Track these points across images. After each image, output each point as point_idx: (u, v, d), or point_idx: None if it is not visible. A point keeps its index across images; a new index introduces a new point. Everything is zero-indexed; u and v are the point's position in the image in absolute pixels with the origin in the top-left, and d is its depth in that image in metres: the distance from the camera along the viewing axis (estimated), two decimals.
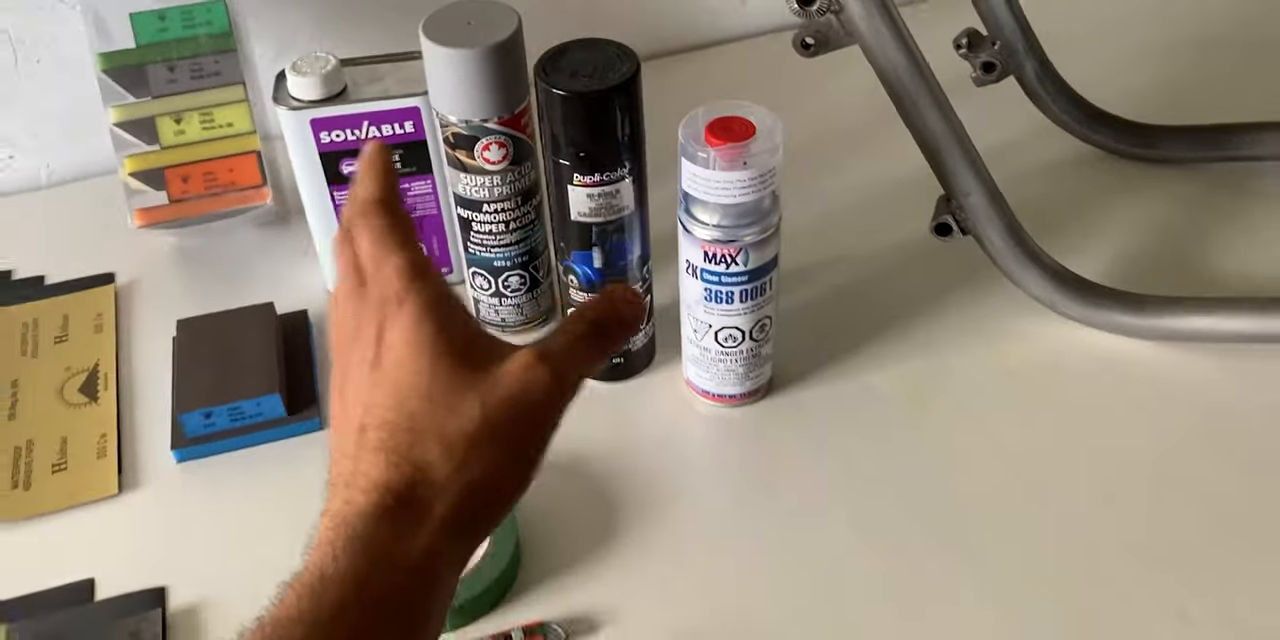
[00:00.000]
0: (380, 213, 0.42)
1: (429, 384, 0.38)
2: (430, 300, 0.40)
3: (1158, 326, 0.65)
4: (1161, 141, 0.78)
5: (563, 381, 0.40)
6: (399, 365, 0.39)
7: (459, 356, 0.39)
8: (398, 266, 0.40)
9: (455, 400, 0.38)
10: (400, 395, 0.39)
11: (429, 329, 0.39)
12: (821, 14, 0.59)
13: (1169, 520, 0.59)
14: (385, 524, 0.37)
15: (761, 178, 0.55)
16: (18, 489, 0.61)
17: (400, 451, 0.38)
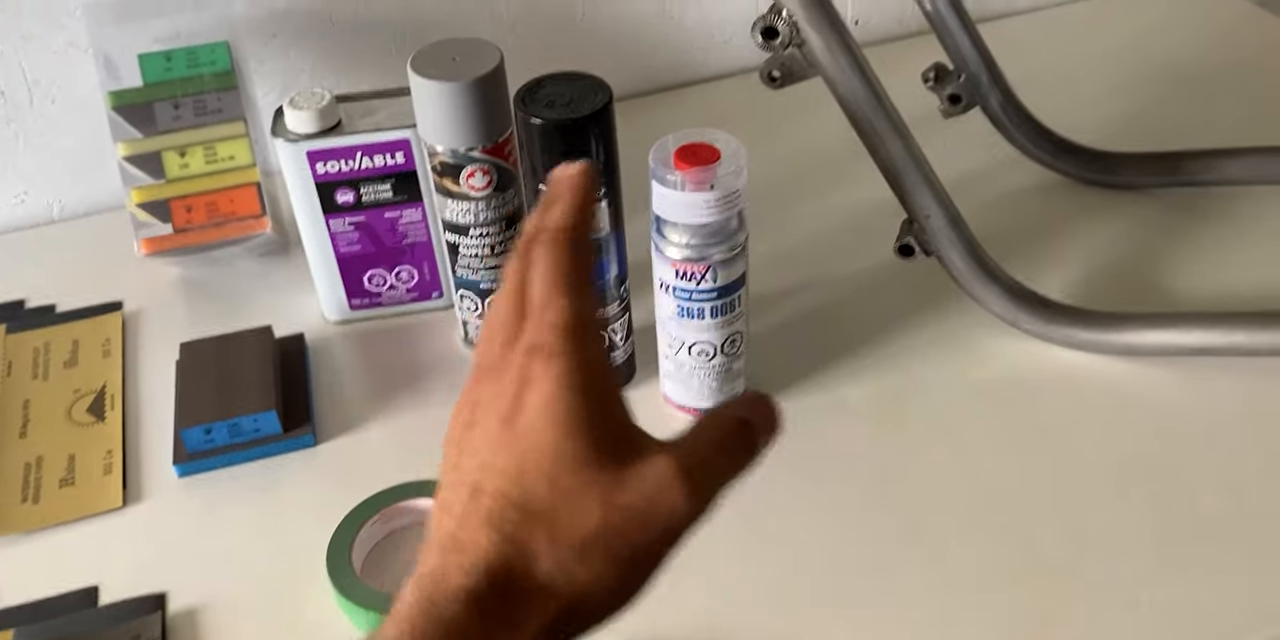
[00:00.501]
0: (566, 246, 0.38)
1: (555, 466, 0.35)
2: (582, 366, 0.36)
3: (1114, 341, 0.68)
4: (1122, 168, 0.81)
5: (699, 505, 0.36)
6: (530, 433, 0.36)
7: (595, 443, 0.35)
8: (561, 315, 0.36)
9: (578, 493, 0.35)
10: (523, 468, 0.35)
11: (572, 401, 0.35)
12: (785, 48, 0.63)
13: (1127, 521, 0.61)
14: (474, 617, 0.34)
15: (727, 198, 0.58)
16: (27, 502, 0.64)
17: (507, 533, 0.35)
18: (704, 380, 0.65)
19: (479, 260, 0.68)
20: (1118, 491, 0.63)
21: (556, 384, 0.35)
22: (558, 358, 0.36)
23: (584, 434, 0.35)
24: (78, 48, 0.81)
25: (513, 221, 0.67)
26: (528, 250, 0.39)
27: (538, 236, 0.38)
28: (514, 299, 0.38)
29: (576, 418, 0.35)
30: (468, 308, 0.71)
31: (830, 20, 0.62)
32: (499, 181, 0.65)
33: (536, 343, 0.36)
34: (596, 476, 0.35)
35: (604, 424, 0.36)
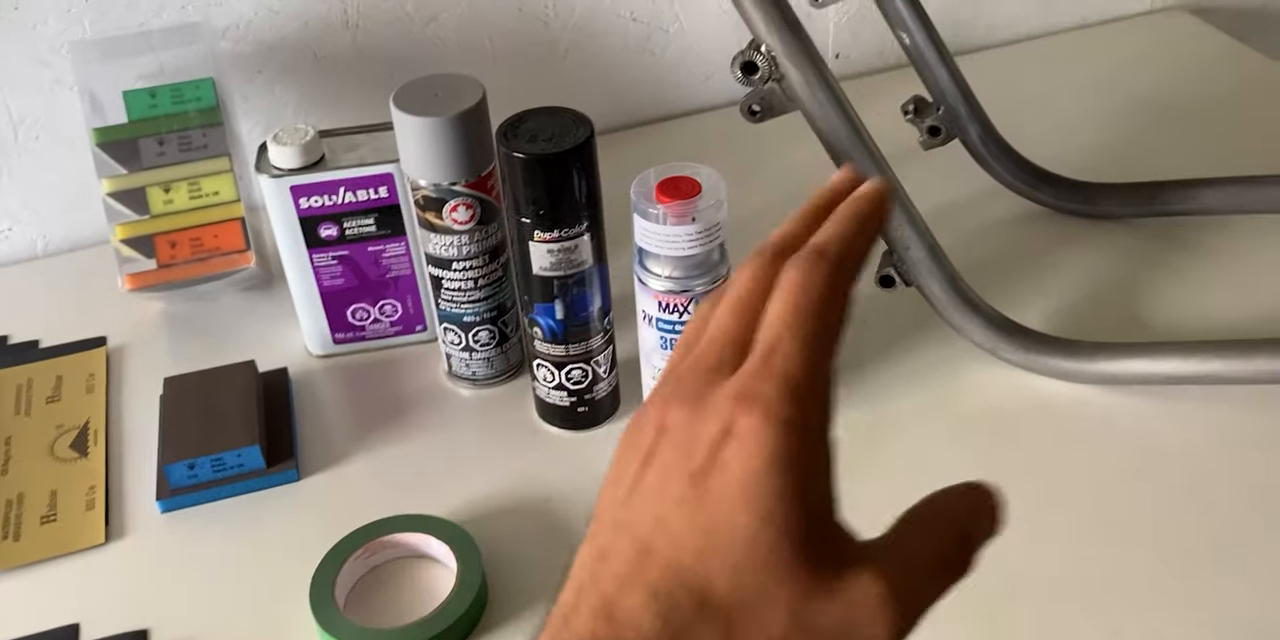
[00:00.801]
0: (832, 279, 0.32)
1: (745, 557, 0.29)
2: (802, 441, 0.30)
3: (1094, 370, 0.69)
4: (1101, 198, 0.82)
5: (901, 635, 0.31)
6: (723, 507, 0.30)
7: (797, 540, 0.30)
8: (795, 367, 0.30)
9: (765, 599, 0.29)
10: (707, 548, 0.30)
11: (782, 484, 0.29)
12: (765, 82, 0.64)
13: (1107, 550, 0.61)
14: None
15: (708, 231, 0.59)
16: (7, 540, 0.64)
17: (673, 625, 0.29)
18: None
19: (462, 293, 0.68)
20: (1099, 521, 0.63)
21: (767, 458, 0.29)
22: (776, 424, 0.30)
23: (786, 527, 0.29)
24: (63, 85, 0.81)
25: (496, 254, 0.68)
26: (776, 261, 0.32)
27: (804, 253, 0.32)
28: (742, 315, 0.32)
29: (782, 506, 0.29)
30: (451, 341, 0.71)
31: (808, 55, 0.62)
32: (482, 215, 0.65)
33: (755, 392, 0.30)
34: (790, 582, 0.29)
35: (811, 518, 0.30)
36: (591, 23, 0.92)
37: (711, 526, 0.30)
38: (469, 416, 0.72)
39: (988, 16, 1.04)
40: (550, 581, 0.60)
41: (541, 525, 0.64)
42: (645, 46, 0.95)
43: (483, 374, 0.72)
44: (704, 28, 0.95)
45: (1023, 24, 1.06)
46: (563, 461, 0.68)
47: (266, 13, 0.83)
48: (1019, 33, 1.06)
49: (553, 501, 0.66)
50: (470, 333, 0.70)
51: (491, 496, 0.66)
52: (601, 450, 0.69)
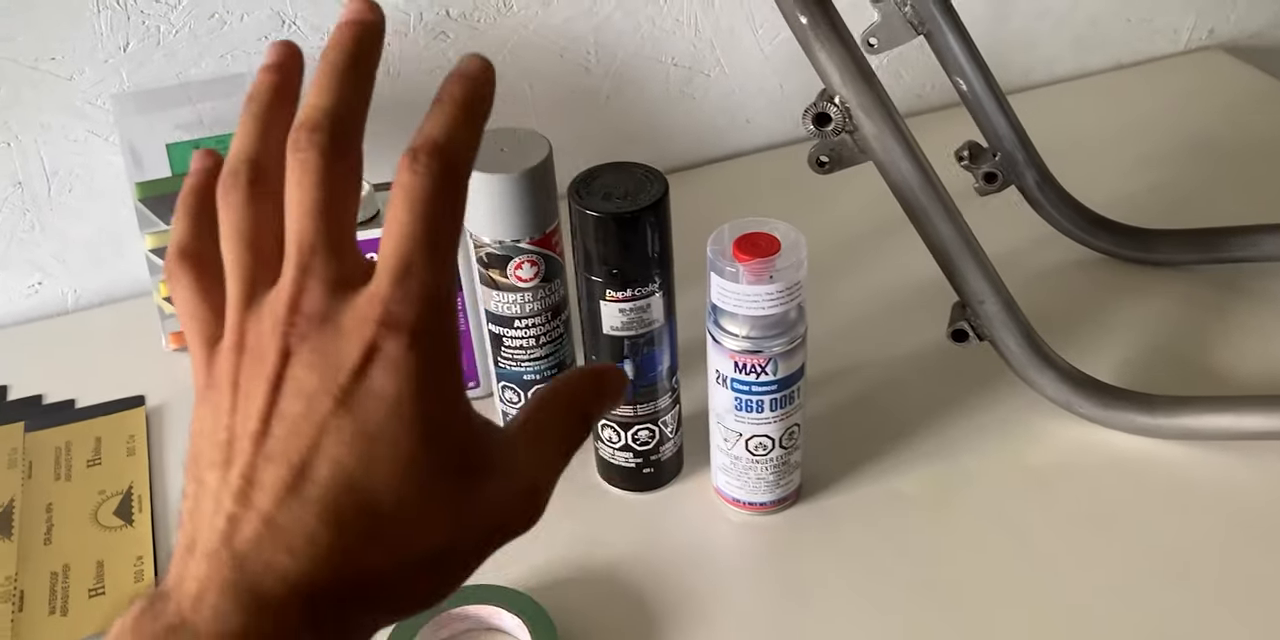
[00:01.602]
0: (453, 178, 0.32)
1: (405, 472, 0.31)
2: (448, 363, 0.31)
3: (1173, 425, 0.67)
4: (1160, 245, 0.81)
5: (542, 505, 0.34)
6: (380, 426, 0.30)
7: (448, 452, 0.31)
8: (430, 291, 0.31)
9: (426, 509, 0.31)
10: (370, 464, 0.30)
11: (434, 406, 0.31)
12: (837, 134, 0.62)
13: (1195, 617, 0.59)
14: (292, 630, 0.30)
15: (788, 290, 0.57)
16: (55, 614, 0.61)
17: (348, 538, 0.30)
18: (760, 474, 0.63)
19: (523, 351, 0.66)
20: (1183, 581, 0.61)
21: (416, 381, 0.30)
22: (417, 348, 0.30)
23: (438, 442, 0.31)
24: (98, 136, 0.79)
25: (558, 312, 0.66)
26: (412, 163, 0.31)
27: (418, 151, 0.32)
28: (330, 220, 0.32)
29: (436, 426, 0.31)
30: (510, 400, 0.69)
31: (884, 107, 0.61)
32: (546, 272, 0.63)
33: (396, 316, 0.30)
34: (447, 492, 0.31)
35: (457, 430, 0.32)
36: (632, 68, 0.90)
37: (370, 449, 0.30)
38: None
39: (1023, 59, 1.03)
40: None
41: (610, 594, 0.62)
42: (686, 91, 0.93)
43: None
44: (744, 71, 0.94)
45: (1058, 65, 1.05)
46: (628, 525, 0.66)
47: (308, 62, 0.81)
48: (1055, 74, 1.05)
49: (621, 568, 0.63)
50: (530, 391, 0.68)
51: (555, 562, 0.64)
52: (667, 511, 0.68)
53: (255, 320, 0.33)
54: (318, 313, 0.31)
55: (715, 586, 0.62)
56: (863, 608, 0.61)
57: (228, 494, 0.31)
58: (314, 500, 0.30)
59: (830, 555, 0.64)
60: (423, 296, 0.31)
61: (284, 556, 0.30)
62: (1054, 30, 1.02)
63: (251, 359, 0.32)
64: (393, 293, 0.31)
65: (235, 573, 0.30)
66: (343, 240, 0.33)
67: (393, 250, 0.31)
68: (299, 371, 0.31)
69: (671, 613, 0.61)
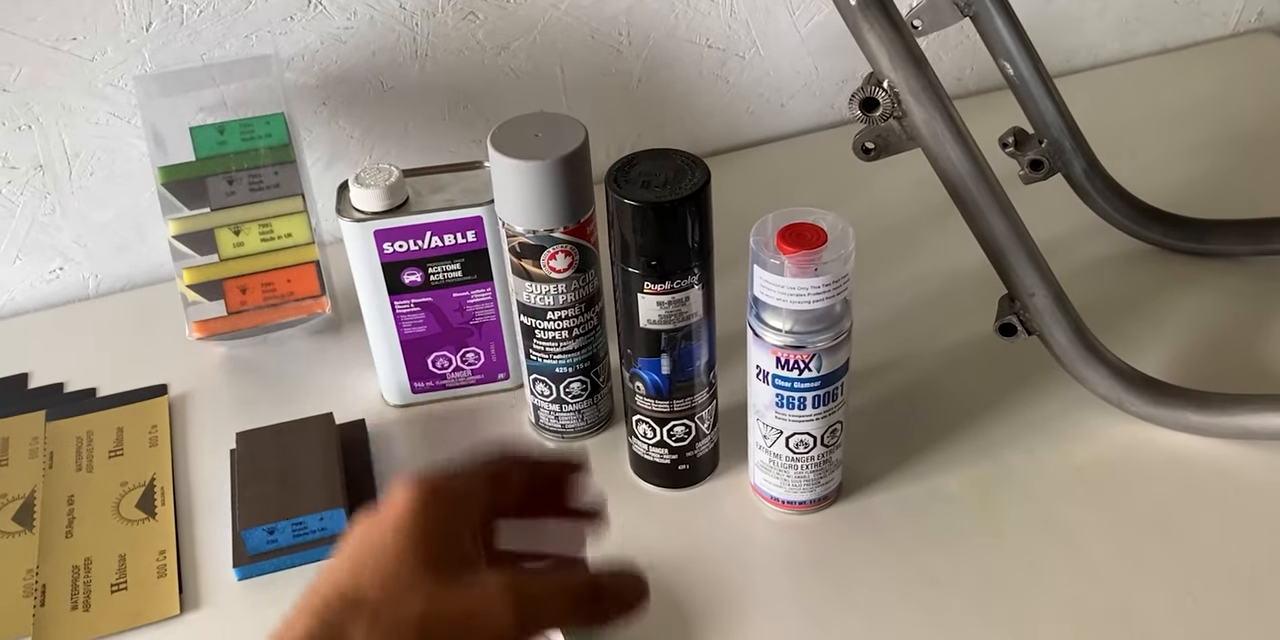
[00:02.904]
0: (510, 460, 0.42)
1: (392, 565, 0.37)
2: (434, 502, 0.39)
3: (1226, 424, 0.65)
4: (1211, 236, 0.78)
5: (524, 622, 0.37)
6: (377, 539, 0.38)
7: (436, 554, 0.38)
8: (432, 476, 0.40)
9: (406, 590, 0.37)
10: (362, 566, 0.38)
11: (420, 518, 0.38)
12: (885, 119, 0.60)
13: (1248, 621, 0.57)
14: None
15: (835, 284, 0.55)
16: (77, 610, 0.60)
17: (327, 620, 0.36)
18: (801, 473, 0.61)
19: (556, 344, 0.64)
20: (1236, 584, 0.59)
21: (408, 506, 0.38)
22: (415, 490, 0.39)
23: (427, 544, 0.38)
24: (120, 118, 0.77)
25: (592, 303, 0.64)
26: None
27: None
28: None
29: (423, 531, 0.38)
30: (541, 393, 0.67)
31: (935, 92, 0.58)
32: (581, 262, 0.61)
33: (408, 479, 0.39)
34: (429, 580, 0.37)
35: (449, 542, 0.38)
36: (666, 50, 0.88)
37: (367, 552, 0.38)
38: None
39: (1067, 42, 1.00)
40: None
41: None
42: (719, 74, 0.91)
43: (573, 426, 0.68)
44: (780, 53, 0.91)
45: (1102, 49, 1.02)
46: (663, 523, 0.64)
47: (333, 42, 0.79)
48: (1099, 59, 1.02)
49: (656, 568, 0.61)
50: (562, 384, 0.66)
51: (591, 562, 0.62)
52: (703, 508, 0.66)
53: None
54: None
55: (752, 586, 0.61)
56: (904, 611, 0.59)
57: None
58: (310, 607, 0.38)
59: (871, 556, 0.62)
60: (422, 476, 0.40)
61: None
62: (1099, 13, 0.99)
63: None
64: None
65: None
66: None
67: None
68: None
69: (707, 612, 0.59)
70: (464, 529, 0.39)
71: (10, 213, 0.79)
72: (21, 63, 0.73)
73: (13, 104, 0.75)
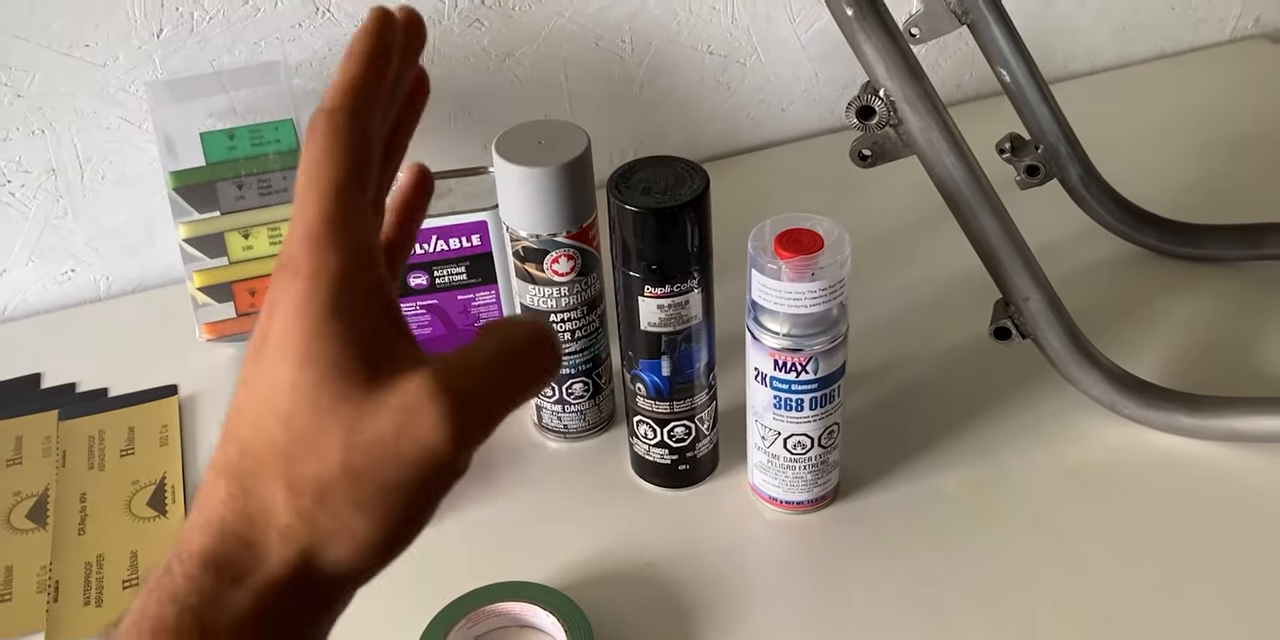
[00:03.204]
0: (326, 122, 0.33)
1: (288, 401, 0.31)
2: (325, 280, 0.31)
3: (1217, 427, 0.66)
4: (1206, 241, 0.79)
5: (461, 431, 0.31)
6: (269, 368, 0.32)
7: (337, 372, 0.31)
8: (307, 223, 0.32)
9: (314, 432, 0.31)
10: (259, 409, 0.32)
11: (307, 325, 0.31)
12: (881, 127, 0.61)
13: (1239, 621, 0.58)
14: (209, 576, 0.31)
15: (831, 288, 0.56)
16: (90, 606, 0.61)
17: (244, 484, 0.32)
18: (799, 473, 0.62)
19: None
20: (1226, 584, 0.60)
21: (295, 307, 0.31)
22: (300, 274, 0.31)
23: (323, 363, 0.31)
24: (131, 123, 0.79)
25: (594, 306, 0.65)
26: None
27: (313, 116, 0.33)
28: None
29: (312, 345, 0.31)
30: (544, 394, 0.68)
31: (930, 101, 0.60)
32: (583, 266, 0.63)
33: (285, 259, 0.32)
34: (336, 410, 0.31)
35: (348, 348, 0.31)
36: (668, 57, 0.89)
37: (262, 391, 0.31)
38: (561, 472, 0.69)
39: (1064, 48, 1.01)
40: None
41: (646, 592, 0.61)
42: (721, 80, 0.92)
43: (575, 427, 0.69)
44: (781, 60, 0.92)
45: (1100, 55, 1.03)
46: (663, 522, 0.65)
47: (341, 49, 0.80)
48: (1096, 64, 1.03)
49: (656, 566, 0.63)
50: (564, 385, 0.67)
51: (592, 560, 0.63)
52: (702, 508, 0.67)
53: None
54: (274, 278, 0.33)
55: (750, 585, 0.62)
56: (901, 610, 0.60)
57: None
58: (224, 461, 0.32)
59: (868, 556, 0.63)
60: (303, 231, 0.32)
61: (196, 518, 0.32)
62: (1096, 18, 1.00)
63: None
64: (286, 241, 0.32)
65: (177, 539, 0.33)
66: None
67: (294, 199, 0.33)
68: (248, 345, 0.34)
69: (706, 611, 0.60)
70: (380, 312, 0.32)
71: (24, 216, 0.80)
72: (35, 68, 0.75)
73: (26, 109, 0.76)
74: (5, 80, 0.75)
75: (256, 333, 0.32)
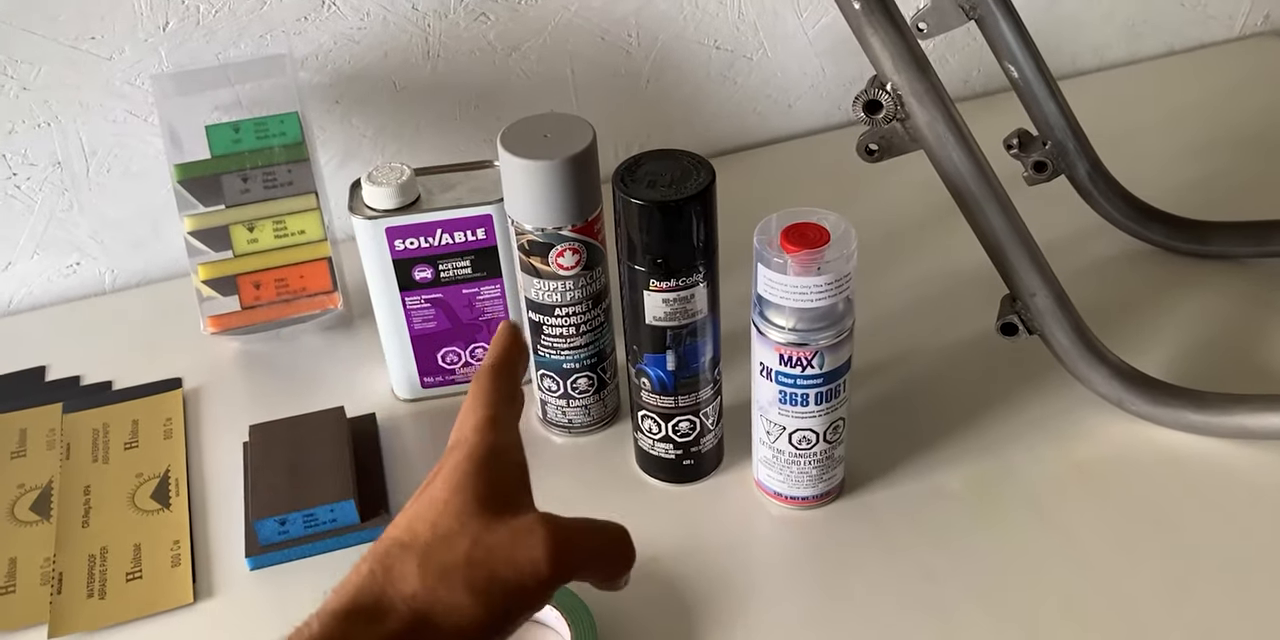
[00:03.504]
0: (488, 377, 0.47)
1: (440, 514, 0.42)
2: (485, 447, 0.44)
3: (1224, 424, 0.65)
4: (1214, 237, 0.79)
5: (558, 558, 0.42)
6: (429, 496, 0.43)
7: (480, 498, 0.42)
8: (476, 418, 0.45)
9: (454, 533, 0.41)
10: (415, 516, 0.42)
11: (467, 469, 0.43)
12: (888, 122, 0.61)
13: (1244, 617, 0.58)
14: (338, 625, 0.39)
15: (837, 283, 0.56)
16: (93, 598, 0.61)
17: (385, 563, 0.41)
18: (804, 468, 0.62)
19: (563, 340, 0.65)
20: (1232, 581, 0.60)
21: (459, 459, 0.43)
22: (466, 443, 0.44)
23: (471, 491, 0.42)
24: (137, 116, 0.79)
25: (599, 300, 0.65)
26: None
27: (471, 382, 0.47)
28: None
29: (469, 480, 0.42)
30: (548, 388, 0.68)
31: (938, 94, 0.59)
32: (588, 260, 0.62)
33: (456, 440, 0.45)
34: (473, 522, 0.41)
35: (491, 488, 0.43)
36: (674, 51, 0.89)
37: (420, 506, 0.43)
38: (566, 466, 0.68)
39: (1072, 44, 1.01)
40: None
41: (651, 587, 0.61)
42: (727, 75, 0.92)
43: (579, 421, 0.69)
44: (787, 55, 0.92)
45: (1108, 52, 1.03)
46: (667, 517, 0.65)
47: (346, 43, 0.80)
48: (1105, 61, 1.03)
49: (660, 561, 0.62)
50: (569, 380, 0.67)
51: None
52: (707, 503, 0.67)
53: None
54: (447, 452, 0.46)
55: (754, 580, 0.62)
56: (904, 606, 0.60)
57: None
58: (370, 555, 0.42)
59: (872, 551, 0.63)
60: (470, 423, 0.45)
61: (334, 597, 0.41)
62: (1105, 15, 1.00)
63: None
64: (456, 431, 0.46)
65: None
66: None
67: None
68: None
69: (709, 605, 0.60)
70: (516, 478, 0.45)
71: (29, 208, 0.80)
72: (41, 61, 0.75)
73: (32, 102, 0.76)
74: (11, 73, 0.75)
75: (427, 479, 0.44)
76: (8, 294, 0.83)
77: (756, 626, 0.59)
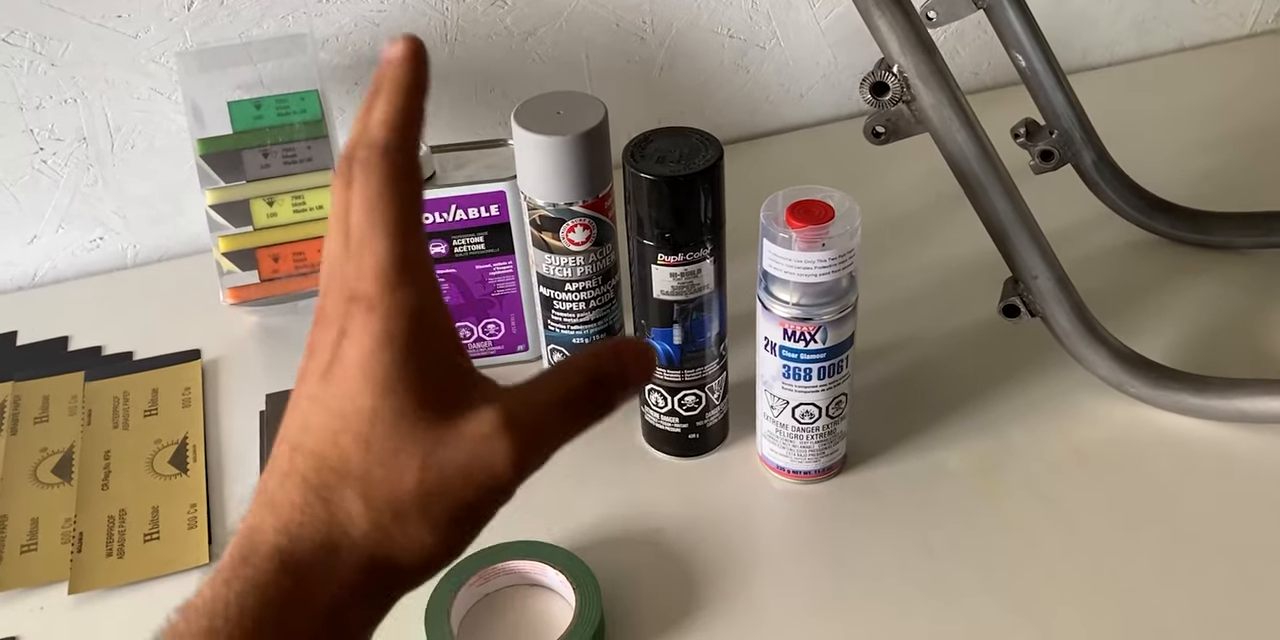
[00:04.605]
0: (386, 168, 0.34)
1: (369, 425, 0.34)
2: (403, 317, 0.33)
3: (1223, 407, 0.67)
4: (1217, 228, 0.80)
5: (523, 461, 0.35)
6: (345, 391, 0.34)
7: (415, 399, 0.34)
8: (379, 260, 0.33)
9: (392, 453, 0.34)
10: (335, 427, 0.34)
11: (390, 357, 0.33)
12: (894, 104, 0.62)
13: (1242, 598, 0.59)
14: (285, 576, 0.33)
15: (841, 258, 0.57)
16: (112, 557, 0.63)
17: (321, 494, 0.34)
18: (806, 443, 0.63)
19: (573, 315, 0.66)
20: (1229, 563, 0.61)
21: (374, 339, 0.33)
22: (376, 310, 0.33)
23: (402, 391, 0.33)
24: (161, 94, 0.80)
25: (609, 276, 0.66)
26: (348, 170, 0.34)
27: (357, 152, 0.34)
28: (341, 234, 0.34)
29: (394, 375, 0.33)
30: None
31: (943, 77, 0.61)
32: (599, 236, 0.64)
33: (355, 292, 0.34)
34: (414, 435, 0.34)
35: (427, 379, 0.34)
36: (688, 39, 0.90)
37: (337, 411, 0.34)
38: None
39: (1083, 39, 1.02)
40: (667, 618, 0.59)
41: (654, 557, 0.63)
42: (740, 63, 0.93)
43: None
44: (800, 44, 0.93)
45: (1119, 47, 1.04)
46: (672, 489, 0.66)
47: (367, 25, 0.82)
48: (1115, 56, 1.04)
49: (665, 532, 0.64)
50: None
51: (601, 525, 0.64)
52: (711, 477, 0.68)
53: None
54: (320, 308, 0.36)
55: (757, 553, 0.63)
56: (903, 579, 0.61)
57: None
58: (298, 471, 0.35)
59: (873, 526, 0.64)
60: (375, 270, 0.34)
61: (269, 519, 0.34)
62: (1116, 11, 1.01)
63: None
64: (353, 272, 0.34)
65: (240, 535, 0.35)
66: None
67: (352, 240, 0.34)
68: (304, 363, 0.36)
69: (713, 577, 0.61)
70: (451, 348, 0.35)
71: (55, 183, 0.82)
72: (69, 38, 0.77)
73: (59, 78, 0.78)
74: (40, 49, 0.76)
75: (320, 355, 0.35)
76: (33, 267, 0.85)
77: (758, 596, 0.60)
